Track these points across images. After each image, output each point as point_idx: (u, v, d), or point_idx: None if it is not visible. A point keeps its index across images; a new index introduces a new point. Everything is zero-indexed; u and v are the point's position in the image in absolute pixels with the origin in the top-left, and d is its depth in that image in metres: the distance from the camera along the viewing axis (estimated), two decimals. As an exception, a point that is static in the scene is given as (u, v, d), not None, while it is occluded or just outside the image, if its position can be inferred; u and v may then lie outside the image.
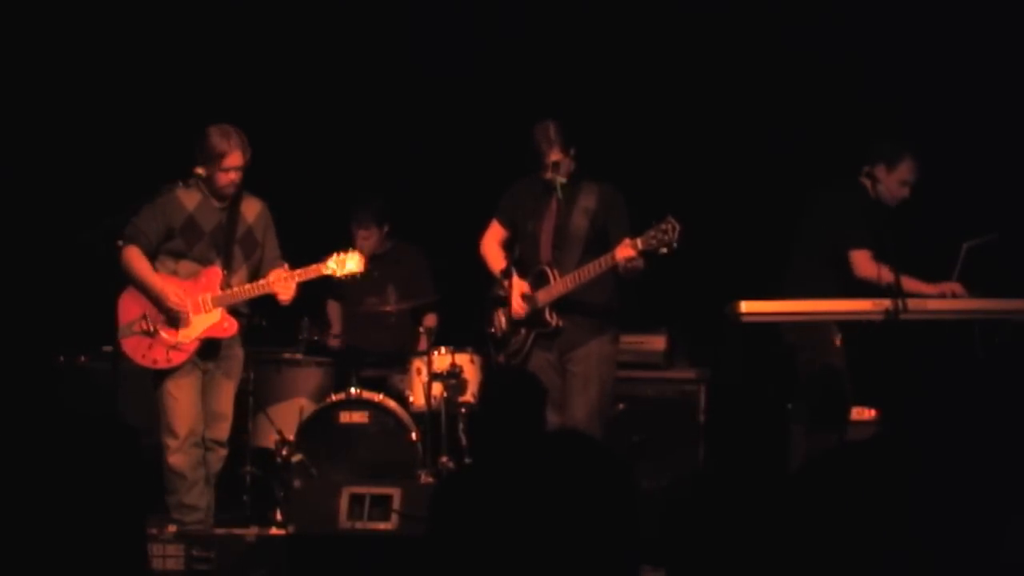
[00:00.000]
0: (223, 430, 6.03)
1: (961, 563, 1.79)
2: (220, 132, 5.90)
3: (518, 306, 5.96)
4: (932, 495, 1.81)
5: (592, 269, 5.77)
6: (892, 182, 6.14)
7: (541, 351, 5.97)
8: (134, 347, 5.91)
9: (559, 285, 5.88)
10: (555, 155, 5.87)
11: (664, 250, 5.53)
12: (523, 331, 6.01)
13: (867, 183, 6.14)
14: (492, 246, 6.18)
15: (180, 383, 5.93)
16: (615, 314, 6.00)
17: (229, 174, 5.90)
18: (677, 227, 5.47)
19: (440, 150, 7.77)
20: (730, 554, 1.98)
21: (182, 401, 5.92)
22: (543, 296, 5.93)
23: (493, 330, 6.11)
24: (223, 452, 6.06)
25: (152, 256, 5.97)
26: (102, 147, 7.56)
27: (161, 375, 5.94)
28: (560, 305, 5.91)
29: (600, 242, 5.87)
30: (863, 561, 1.82)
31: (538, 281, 5.97)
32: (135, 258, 5.87)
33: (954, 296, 5.88)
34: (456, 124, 7.71)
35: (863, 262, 5.96)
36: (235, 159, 5.89)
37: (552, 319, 5.92)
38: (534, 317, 5.96)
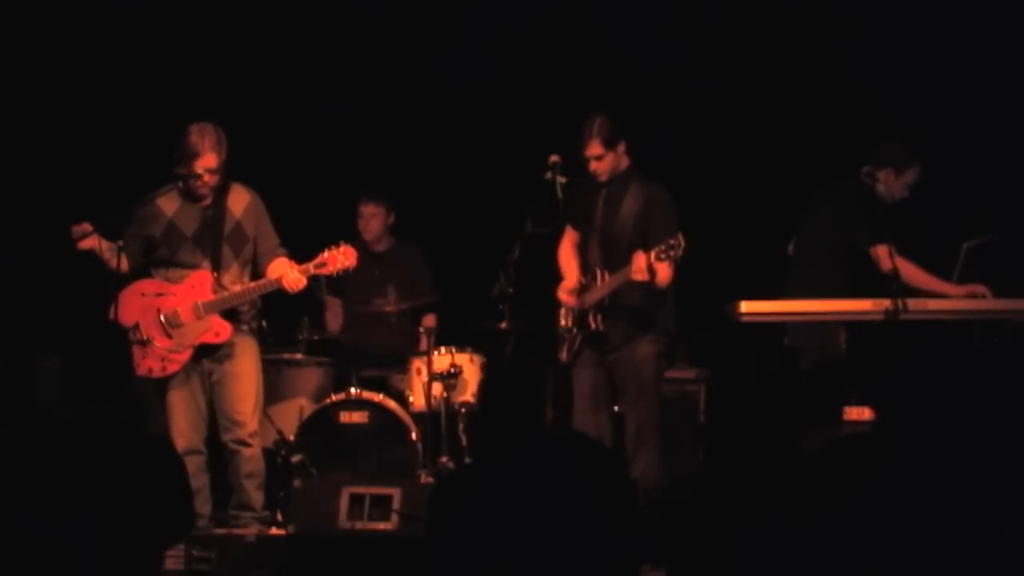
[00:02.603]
0: (238, 431, 5.96)
1: (960, 563, 1.79)
2: (198, 131, 5.80)
3: (567, 299, 6.01)
4: (932, 495, 1.81)
5: (618, 277, 5.79)
6: (897, 185, 6.16)
7: (589, 351, 6.00)
8: (130, 357, 5.89)
9: (599, 289, 5.91)
10: (594, 149, 5.85)
11: (671, 264, 5.59)
12: (575, 331, 6.03)
13: (867, 182, 6.14)
14: (566, 250, 6.17)
15: (176, 393, 5.93)
16: (655, 315, 5.94)
17: (202, 175, 5.82)
18: (682, 244, 5.47)
19: (441, 150, 7.76)
20: (730, 554, 1.98)
21: (177, 412, 5.92)
22: (589, 298, 5.96)
23: (563, 326, 6.11)
24: (249, 452, 5.99)
25: (144, 268, 5.94)
26: (102, 146, 7.55)
27: (161, 384, 5.94)
28: (604, 308, 5.91)
29: (646, 243, 5.80)
30: (863, 561, 1.82)
31: (591, 283, 5.99)
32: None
33: (983, 297, 5.86)
34: (457, 125, 7.71)
35: (887, 257, 5.88)
36: (208, 161, 5.80)
37: (594, 322, 5.93)
38: (581, 319, 5.98)
